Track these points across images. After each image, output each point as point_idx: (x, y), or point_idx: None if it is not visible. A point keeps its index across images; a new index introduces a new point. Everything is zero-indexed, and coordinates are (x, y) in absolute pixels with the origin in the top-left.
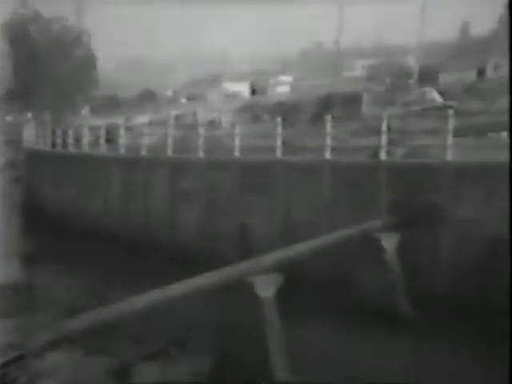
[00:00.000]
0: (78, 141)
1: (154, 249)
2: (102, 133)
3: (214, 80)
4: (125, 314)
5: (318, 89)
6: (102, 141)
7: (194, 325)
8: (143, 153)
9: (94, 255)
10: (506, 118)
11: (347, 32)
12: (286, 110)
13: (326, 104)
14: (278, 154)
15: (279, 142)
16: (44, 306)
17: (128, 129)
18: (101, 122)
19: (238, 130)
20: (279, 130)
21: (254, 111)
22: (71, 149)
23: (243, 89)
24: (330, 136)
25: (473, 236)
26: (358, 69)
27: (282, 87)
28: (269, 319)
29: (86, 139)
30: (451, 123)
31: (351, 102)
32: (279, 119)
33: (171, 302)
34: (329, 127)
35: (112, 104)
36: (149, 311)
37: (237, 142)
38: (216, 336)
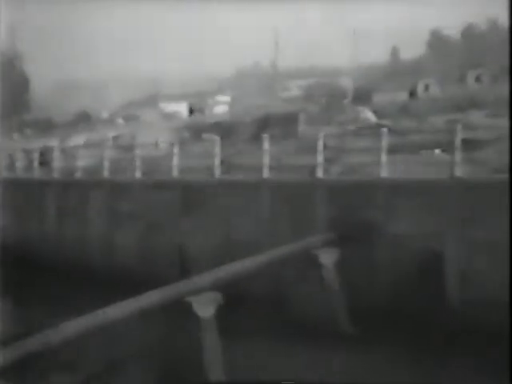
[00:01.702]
0: (11, 165)
1: (92, 272)
2: (36, 156)
3: (151, 100)
4: (57, 340)
5: (256, 109)
6: (36, 164)
7: (132, 347)
8: (78, 175)
9: (29, 281)
10: (438, 136)
11: (283, 53)
12: (225, 130)
13: (264, 123)
14: (217, 173)
15: (217, 162)
16: None
17: (63, 151)
18: (35, 144)
19: (176, 150)
20: (217, 149)
21: (192, 131)
22: (4, 173)
23: (181, 109)
24: (268, 155)
25: (408, 250)
26: (294, 89)
27: (220, 107)
28: (207, 338)
29: (19, 163)
30: (385, 141)
31: (288, 121)
32: (217, 139)
33: (108, 325)
34: (267, 146)
35: (47, 126)
36: (84, 336)
37: (175, 161)
38: (155, 357)
